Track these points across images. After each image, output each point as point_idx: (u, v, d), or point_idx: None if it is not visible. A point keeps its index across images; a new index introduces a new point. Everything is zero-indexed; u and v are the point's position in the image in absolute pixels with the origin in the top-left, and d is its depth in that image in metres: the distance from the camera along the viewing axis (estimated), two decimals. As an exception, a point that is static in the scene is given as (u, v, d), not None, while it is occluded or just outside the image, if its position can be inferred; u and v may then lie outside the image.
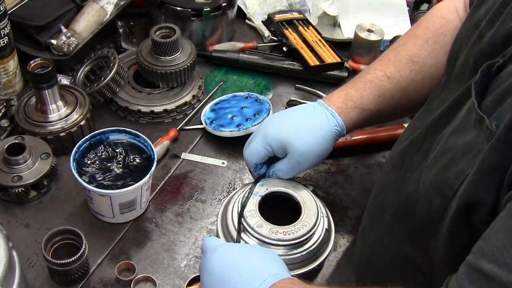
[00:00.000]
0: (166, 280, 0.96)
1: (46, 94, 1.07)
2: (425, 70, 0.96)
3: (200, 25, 1.33)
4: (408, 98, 0.97)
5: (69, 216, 1.04)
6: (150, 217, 1.05)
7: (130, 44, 1.36)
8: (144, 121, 1.22)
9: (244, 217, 0.93)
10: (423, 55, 0.96)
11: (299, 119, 0.97)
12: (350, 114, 0.96)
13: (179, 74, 1.21)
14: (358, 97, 0.96)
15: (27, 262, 0.96)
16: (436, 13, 0.98)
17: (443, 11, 0.97)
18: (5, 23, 1.11)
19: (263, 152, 0.97)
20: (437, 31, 0.96)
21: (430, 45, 0.96)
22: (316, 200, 0.96)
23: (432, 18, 0.98)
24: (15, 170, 1.01)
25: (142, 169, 1.01)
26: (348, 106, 0.96)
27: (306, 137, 0.94)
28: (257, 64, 1.36)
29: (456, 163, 0.64)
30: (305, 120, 0.96)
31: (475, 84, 0.65)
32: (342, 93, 0.97)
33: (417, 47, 0.96)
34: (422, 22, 1.00)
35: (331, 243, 0.96)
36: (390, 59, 0.98)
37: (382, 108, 0.97)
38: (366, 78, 0.98)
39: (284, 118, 0.98)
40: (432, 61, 0.95)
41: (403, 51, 0.98)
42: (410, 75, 0.96)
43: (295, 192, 0.96)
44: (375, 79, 0.97)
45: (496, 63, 0.65)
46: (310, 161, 0.96)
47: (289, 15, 1.42)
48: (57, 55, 1.23)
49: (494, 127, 0.60)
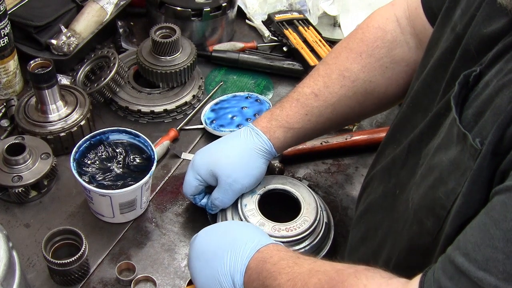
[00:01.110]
0: (166, 280, 0.96)
1: (46, 94, 1.07)
2: (357, 85, 0.93)
3: (200, 25, 1.33)
4: (339, 114, 0.95)
5: (69, 216, 1.04)
6: (150, 217, 1.05)
7: (130, 44, 1.36)
8: (144, 121, 1.22)
9: (246, 217, 0.93)
10: (356, 69, 0.93)
11: (224, 144, 0.98)
12: (275, 133, 0.95)
13: (179, 74, 1.21)
14: (283, 117, 0.95)
15: (27, 262, 0.96)
16: (373, 24, 0.94)
17: (380, 21, 0.93)
18: (5, 23, 1.11)
19: (195, 182, 0.97)
20: (373, 44, 0.92)
21: (364, 59, 0.92)
22: (314, 195, 0.97)
23: (368, 29, 0.94)
24: (15, 170, 1.01)
25: (142, 169, 1.01)
26: (272, 125, 0.95)
27: (231, 159, 0.95)
28: (257, 64, 1.35)
29: (444, 182, 0.63)
30: (230, 144, 0.97)
31: (453, 97, 0.63)
32: (268, 114, 0.97)
33: (349, 61, 0.93)
34: (357, 33, 0.95)
35: (331, 236, 0.97)
36: (320, 74, 0.96)
37: (310, 126, 0.95)
38: (293, 97, 0.96)
39: (211, 146, 0.99)
40: (365, 76, 0.92)
41: (334, 65, 0.95)
42: (340, 90, 0.93)
43: (293, 188, 0.97)
44: (302, 98, 0.95)
45: (473, 72, 0.63)
46: (242, 182, 0.95)
47: (289, 15, 1.42)
48: (57, 55, 1.23)
49: (478, 143, 0.58)
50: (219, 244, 0.81)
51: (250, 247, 0.78)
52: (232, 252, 0.78)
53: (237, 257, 0.78)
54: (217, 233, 0.85)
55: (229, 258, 0.78)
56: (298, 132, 0.96)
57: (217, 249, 0.80)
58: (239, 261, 0.77)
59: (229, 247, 0.79)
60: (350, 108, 0.95)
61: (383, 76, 0.93)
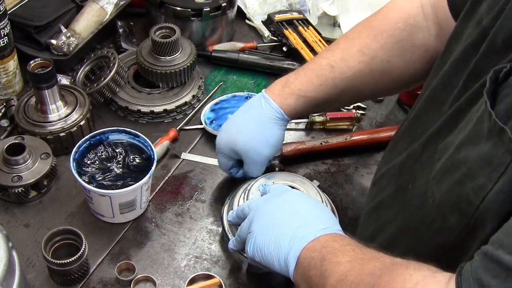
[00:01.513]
0: (166, 280, 0.96)
1: (46, 94, 1.07)
2: (375, 63, 0.93)
3: (200, 25, 1.33)
4: (354, 89, 0.96)
5: (69, 216, 1.04)
6: (150, 217, 1.05)
7: (130, 44, 1.36)
8: (144, 121, 1.22)
9: None
10: (375, 47, 0.93)
11: (237, 120, 1.01)
12: (287, 100, 0.96)
13: (179, 74, 1.21)
14: (296, 84, 0.96)
15: (27, 262, 0.96)
16: (398, 5, 0.94)
17: (405, 3, 0.93)
18: (5, 23, 1.11)
19: (224, 160, 1.02)
20: (394, 25, 0.92)
21: (384, 38, 0.93)
22: (322, 195, 0.97)
23: (392, 10, 0.94)
24: (15, 170, 1.01)
25: (142, 169, 1.01)
26: (285, 92, 0.97)
27: (245, 134, 0.98)
28: (257, 64, 1.36)
29: (473, 177, 0.62)
30: (243, 118, 1.00)
31: (486, 92, 0.62)
32: (283, 80, 0.99)
33: (370, 38, 0.94)
34: (381, 12, 0.96)
35: None
36: (339, 47, 0.97)
37: (323, 96, 0.96)
38: (309, 66, 0.98)
39: (227, 124, 1.03)
40: (383, 55, 0.93)
41: (354, 40, 0.96)
42: (357, 65, 0.94)
43: (300, 186, 0.97)
44: (317, 67, 0.96)
45: (503, 68, 0.62)
46: (262, 153, 0.98)
47: (289, 15, 1.42)
48: (57, 55, 1.23)
49: None
50: (308, 208, 0.82)
51: (327, 226, 0.78)
52: (309, 224, 0.79)
53: (310, 228, 0.78)
54: (309, 200, 0.86)
55: (303, 225, 0.78)
56: (310, 101, 0.97)
57: (302, 212, 0.81)
58: (311, 232, 0.77)
59: (312, 216, 0.80)
60: (365, 84, 0.96)
61: (401, 58, 0.93)
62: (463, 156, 0.65)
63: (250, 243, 0.82)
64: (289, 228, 0.78)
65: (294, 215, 0.81)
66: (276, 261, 0.78)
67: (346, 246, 0.73)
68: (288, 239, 0.77)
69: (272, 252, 0.79)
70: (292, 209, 0.82)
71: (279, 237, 0.78)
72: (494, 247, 0.56)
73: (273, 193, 0.89)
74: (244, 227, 0.86)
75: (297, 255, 0.76)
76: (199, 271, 0.96)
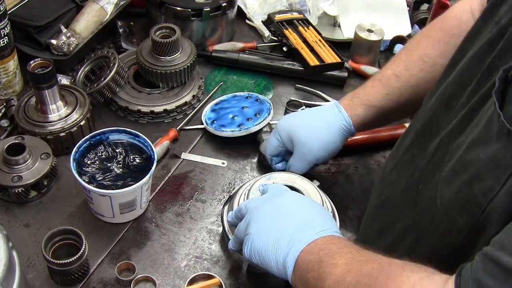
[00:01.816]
0: (166, 280, 0.96)
1: (46, 94, 1.07)
2: (435, 70, 0.95)
3: (200, 25, 1.33)
4: (418, 96, 0.97)
5: (69, 216, 1.04)
6: (150, 217, 1.05)
7: (130, 44, 1.36)
8: (144, 121, 1.22)
9: None
10: (434, 55, 0.97)
11: (308, 115, 1.05)
12: (356, 110, 1.01)
13: (179, 74, 1.21)
14: (365, 95, 1.01)
15: (27, 262, 0.96)
16: (451, 14, 0.98)
17: (457, 12, 0.97)
18: (5, 23, 1.11)
19: (275, 143, 1.05)
20: (450, 32, 0.96)
21: (442, 46, 0.96)
22: (322, 195, 0.97)
23: (447, 19, 0.98)
24: (15, 170, 1.01)
25: (142, 169, 1.01)
26: (354, 102, 1.01)
27: (310, 128, 1.01)
28: (257, 64, 1.36)
29: (481, 179, 0.62)
30: (315, 115, 1.04)
31: (495, 93, 0.61)
32: (352, 93, 1.04)
33: (428, 47, 0.98)
34: (437, 23, 1.00)
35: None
36: (401, 59, 1.01)
37: (390, 105, 1.00)
38: (375, 78, 1.03)
39: (296, 114, 1.08)
40: (443, 61, 0.94)
41: (415, 51, 1.00)
42: (420, 73, 0.98)
43: (300, 186, 0.97)
44: (383, 78, 1.01)
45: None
46: (316, 153, 1.01)
47: (289, 15, 1.42)
48: (57, 55, 1.23)
49: None
50: (305, 209, 0.83)
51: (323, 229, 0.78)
52: (306, 226, 0.79)
53: (308, 230, 0.78)
54: (307, 201, 0.87)
55: (301, 228, 0.78)
56: (379, 111, 1.00)
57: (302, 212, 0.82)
58: (309, 234, 0.77)
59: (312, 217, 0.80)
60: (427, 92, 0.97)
61: None
62: (473, 157, 0.64)
63: (247, 245, 0.83)
64: (287, 231, 0.79)
65: (291, 217, 0.81)
66: (274, 264, 0.79)
67: (343, 248, 0.74)
68: (286, 242, 0.78)
69: (270, 255, 0.79)
70: (289, 211, 0.82)
71: (277, 240, 0.79)
72: (494, 248, 0.56)
73: (271, 194, 0.89)
74: (241, 228, 0.86)
75: (295, 258, 0.76)
76: (199, 271, 0.96)
